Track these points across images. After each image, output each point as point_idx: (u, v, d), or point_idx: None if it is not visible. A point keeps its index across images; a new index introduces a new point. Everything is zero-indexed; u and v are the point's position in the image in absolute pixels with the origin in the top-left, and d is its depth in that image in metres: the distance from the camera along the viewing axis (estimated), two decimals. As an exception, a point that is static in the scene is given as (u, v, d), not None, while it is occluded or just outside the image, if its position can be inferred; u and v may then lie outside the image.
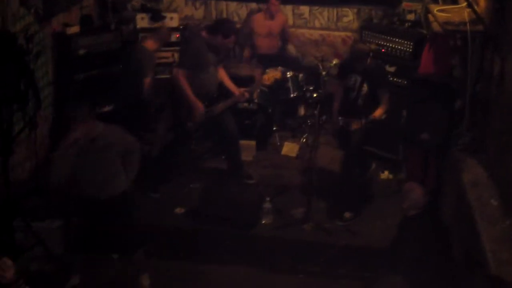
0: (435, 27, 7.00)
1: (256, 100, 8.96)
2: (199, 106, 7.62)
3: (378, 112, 7.44)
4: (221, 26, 7.74)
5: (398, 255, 6.08)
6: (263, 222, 7.55)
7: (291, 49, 10.26)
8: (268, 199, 7.67)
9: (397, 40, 8.52)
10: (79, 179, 6.25)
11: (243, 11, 10.41)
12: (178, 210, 7.69)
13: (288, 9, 10.32)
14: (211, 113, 7.79)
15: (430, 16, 7.34)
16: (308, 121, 9.44)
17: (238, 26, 10.24)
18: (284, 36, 10.07)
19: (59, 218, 7.07)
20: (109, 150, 6.28)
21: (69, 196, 6.39)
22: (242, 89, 7.97)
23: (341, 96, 7.72)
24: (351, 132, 7.53)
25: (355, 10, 10.20)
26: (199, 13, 10.49)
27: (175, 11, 10.02)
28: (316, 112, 7.64)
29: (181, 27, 9.64)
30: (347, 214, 7.62)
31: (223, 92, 8.03)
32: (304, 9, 10.36)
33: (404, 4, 9.16)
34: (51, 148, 8.51)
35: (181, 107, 7.72)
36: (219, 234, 7.36)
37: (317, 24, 10.37)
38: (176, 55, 9.23)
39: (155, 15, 9.51)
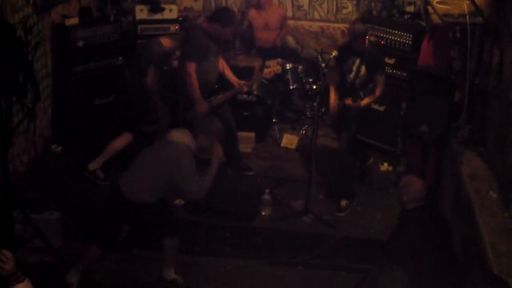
0: (435, 19, 7.00)
1: (255, 92, 8.96)
2: (203, 105, 7.59)
3: (373, 96, 7.51)
4: (219, 15, 7.71)
5: (397, 247, 6.08)
6: (263, 214, 7.55)
7: (290, 41, 10.24)
8: (267, 191, 7.68)
9: (396, 32, 8.51)
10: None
11: (242, 3, 10.39)
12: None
13: (287, 0, 10.31)
14: (210, 105, 7.77)
15: (429, 8, 7.32)
16: (308, 113, 9.44)
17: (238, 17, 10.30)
18: (282, 28, 10.05)
19: (58, 209, 7.07)
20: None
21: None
22: (241, 82, 7.96)
23: (338, 83, 7.73)
24: (348, 112, 7.55)
25: (354, 2, 10.19)
26: (198, 4, 10.47)
27: (174, 2, 9.98)
28: (315, 104, 7.63)
29: (180, 19, 9.62)
30: (343, 203, 7.63)
31: (222, 85, 8.01)
32: (304, 0, 10.34)
33: (403, -5, 9.15)
34: (51, 139, 8.53)
35: (181, 100, 7.71)
36: (218, 226, 7.37)
37: (316, 16, 10.36)
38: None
39: (154, 7, 9.49)
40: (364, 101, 7.51)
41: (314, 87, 9.36)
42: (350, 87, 7.60)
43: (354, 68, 7.54)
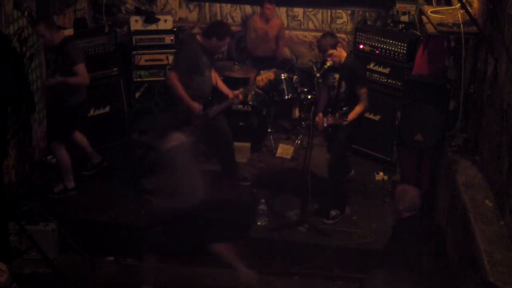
0: (429, 28, 7.02)
1: (250, 102, 8.96)
2: (196, 105, 7.58)
3: (355, 112, 7.28)
4: (215, 29, 7.69)
5: (393, 256, 6.08)
6: (258, 224, 7.54)
7: (285, 51, 10.28)
8: (263, 201, 7.67)
9: (391, 41, 8.53)
10: None
11: (237, 13, 10.43)
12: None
13: (282, 11, 10.33)
14: (207, 116, 7.77)
15: (423, 17, 7.35)
16: (303, 123, 9.46)
17: (233, 28, 10.32)
18: (278, 39, 10.08)
19: (53, 221, 7.06)
20: None
21: None
22: (236, 92, 7.96)
23: (326, 98, 7.70)
24: (335, 132, 7.50)
25: (349, 11, 10.21)
26: (193, 15, 10.49)
27: (169, 13, 10.00)
28: (310, 114, 7.61)
29: (175, 29, 9.64)
30: (333, 212, 7.64)
31: (217, 95, 8.02)
32: (298, 11, 10.36)
33: (398, 5, 9.17)
34: (46, 151, 8.52)
35: (179, 111, 7.69)
36: (214, 236, 7.35)
37: (311, 26, 10.38)
38: (170, 58, 9.24)
39: (149, 18, 9.50)
40: (345, 122, 7.24)
41: (309, 96, 9.37)
42: (334, 103, 7.54)
43: (335, 84, 7.49)
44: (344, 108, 7.29)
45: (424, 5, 8.14)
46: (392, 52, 8.53)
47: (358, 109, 7.29)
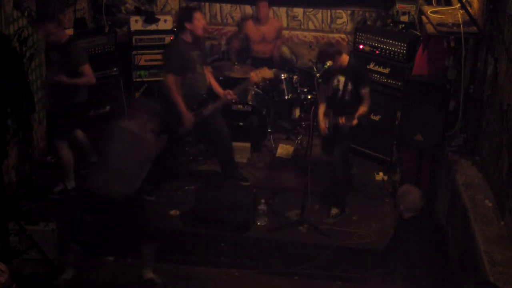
0: (429, 28, 7.03)
1: (250, 102, 8.96)
2: (188, 116, 7.58)
3: (362, 110, 7.39)
4: (180, 17, 7.73)
5: (394, 257, 6.08)
6: (258, 224, 7.54)
7: (285, 51, 10.27)
8: (263, 201, 7.67)
9: (391, 41, 8.53)
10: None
11: (237, 13, 10.42)
12: (173, 213, 7.68)
13: (282, 11, 10.33)
14: (201, 116, 7.76)
15: (423, 17, 7.36)
16: (303, 123, 9.45)
17: (233, 29, 10.33)
18: (277, 39, 10.08)
19: (53, 221, 7.06)
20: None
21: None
22: (225, 91, 7.92)
23: (327, 98, 7.70)
24: (340, 130, 7.51)
25: (349, 12, 10.21)
26: (193, 15, 10.48)
27: (169, 13, 10.00)
28: (310, 114, 7.61)
29: (175, 29, 9.63)
30: (334, 211, 7.65)
31: (213, 95, 8.01)
32: (298, 11, 10.36)
33: (397, 5, 9.17)
34: (46, 151, 8.53)
35: (172, 112, 7.68)
36: (214, 236, 7.36)
37: (311, 26, 10.38)
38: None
39: (149, 18, 9.50)
40: (355, 121, 7.37)
41: (309, 96, 9.37)
42: (340, 104, 7.55)
43: (341, 86, 7.51)
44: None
45: (424, 5, 8.15)
46: (392, 52, 8.53)
47: (363, 109, 7.40)
